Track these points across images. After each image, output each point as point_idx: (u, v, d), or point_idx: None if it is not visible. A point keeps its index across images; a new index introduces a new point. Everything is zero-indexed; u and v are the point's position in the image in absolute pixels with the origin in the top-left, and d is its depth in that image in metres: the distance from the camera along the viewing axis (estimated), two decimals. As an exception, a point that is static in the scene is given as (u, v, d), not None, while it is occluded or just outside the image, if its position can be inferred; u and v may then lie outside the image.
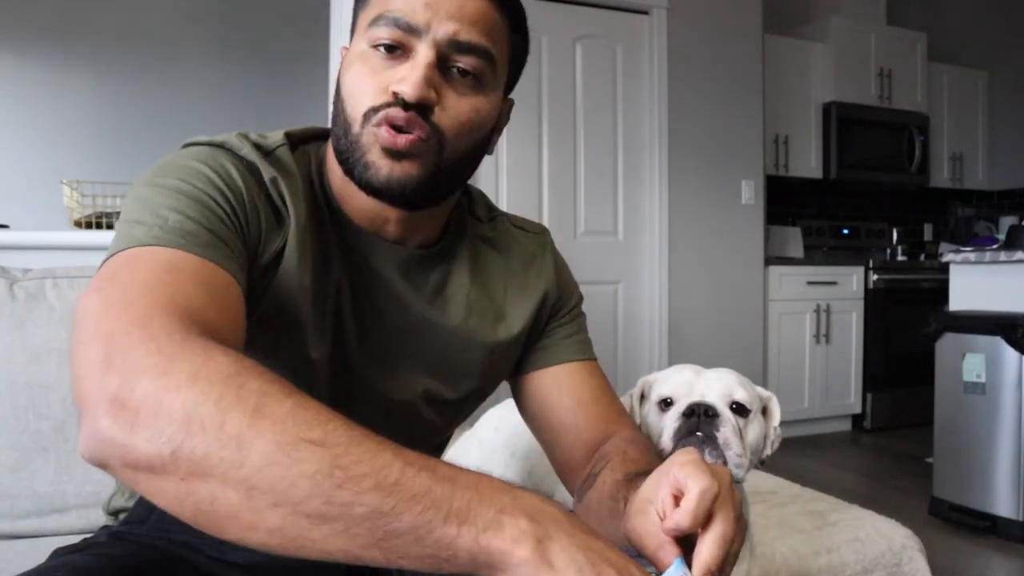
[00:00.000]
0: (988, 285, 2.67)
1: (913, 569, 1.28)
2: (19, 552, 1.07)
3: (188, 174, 0.63)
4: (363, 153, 0.67)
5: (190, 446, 0.44)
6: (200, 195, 0.62)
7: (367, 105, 0.67)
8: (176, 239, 0.58)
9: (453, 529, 0.44)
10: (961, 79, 4.86)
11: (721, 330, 3.72)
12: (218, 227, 0.61)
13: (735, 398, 0.92)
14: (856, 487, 3.09)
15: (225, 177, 0.64)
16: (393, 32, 0.66)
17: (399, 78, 0.65)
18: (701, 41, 3.67)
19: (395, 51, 0.67)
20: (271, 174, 0.68)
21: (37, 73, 3.09)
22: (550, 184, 3.41)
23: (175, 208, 0.60)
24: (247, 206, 0.65)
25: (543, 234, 0.93)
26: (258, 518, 0.44)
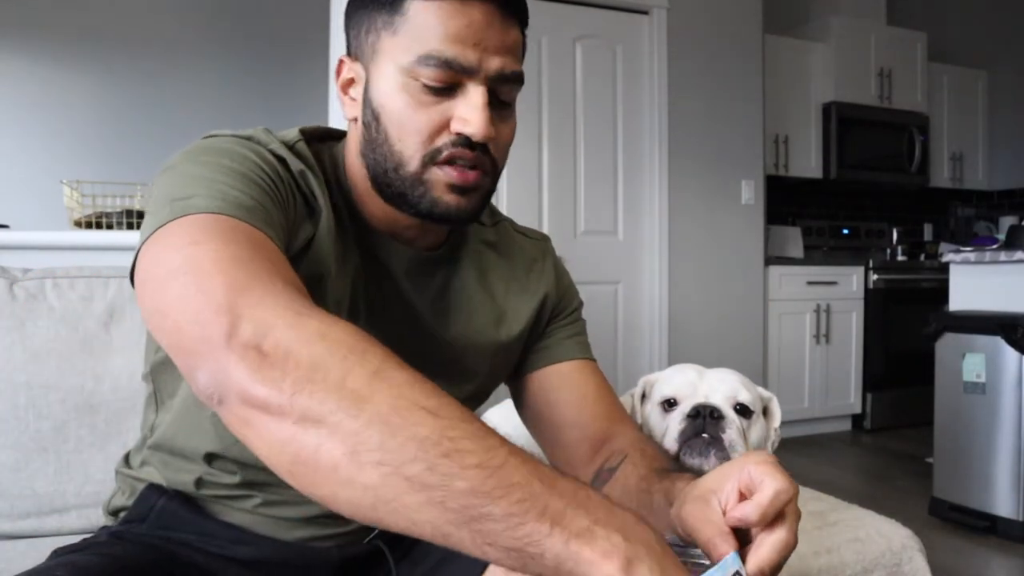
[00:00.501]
0: (988, 285, 2.67)
1: (913, 569, 1.28)
2: (19, 552, 1.07)
3: (232, 155, 0.64)
4: (428, 189, 0.69)
5: (310, 391, 0.45)
6: (250, 174, 0.63)
7: (428, 146, 0.68)
8: (242, 213, 0.58)
9: (546, 527, 0.44)
10: (961, 79, 4.86)
11: (721, 330, 3.72)
12: (270, 206, 0.62)
13: (739, 399, 0.92)
14: (856, 487, 3.09)
15: (261, 162, 0.65)
16: (444, 74, 0.66)
17: (460, 118, 0.67)
18: (701, 41, 3.67)
19: (444, 88, 0.67)
20: (299, 167, 0.69)
21: (37, 73, 3.09)
22: (550, 184, 3.41)
23: (231, 184, 0.60)
24: (287, 191, 0.66)
25: (544, 241, 0.94)
26: (358, 473, 0.44)
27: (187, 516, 0.76)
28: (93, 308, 1.21)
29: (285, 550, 0.77)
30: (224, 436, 0.74)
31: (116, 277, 1.26)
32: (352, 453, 0.44)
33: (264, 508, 0.77)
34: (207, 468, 0.76)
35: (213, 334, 0.49)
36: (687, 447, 0.90)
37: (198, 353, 0.50)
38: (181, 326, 0.51)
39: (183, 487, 0.78)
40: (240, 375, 0.47)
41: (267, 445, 0.47)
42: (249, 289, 0.51)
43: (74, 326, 1.19)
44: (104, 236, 1.65)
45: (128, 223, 1.73)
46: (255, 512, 0.77)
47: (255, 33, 3.49)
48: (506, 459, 0.45)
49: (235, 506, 0.77)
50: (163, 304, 0.53)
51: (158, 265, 0.55)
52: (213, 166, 0.62)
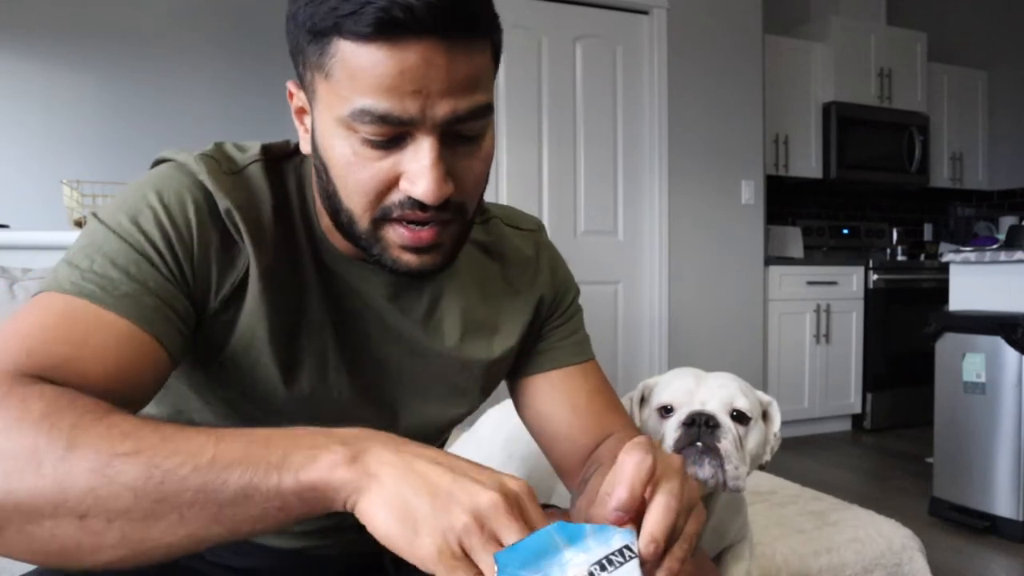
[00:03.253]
0: (988, 285, 2.67)
1: (913, 569, 1.28)
2: (19, 552, 1.07)
3: (136, 210, 0.60)
4: (384, 248, 0.63)
5: (13, 497, 0.44)
6: (139, 239, 0.59)
7: (376, 206, 0.61)
8: (93, 290, 0.56)
9: (274, 479, 0.46)
10: (961, 79, 4.86)
11: (721, 330, 3.72)
12: (151, 278, 0.59)
13: (736, 406, 0.91)
14: (856, 487, 3.09)
15: (176, 214, 0.61)
16: (383, 129, 0.57)
17: (408, 176, 0.59)
18: (701, 41, 3.67)
19: (388, 142, 0.59)
20: (225, 206, 0.63)
21: (37, 73, 3.10)
22: (550, 184, 3.41)
23: (108, 256, 0.58)
24: (195, 247, 0.62)
25: (538, 231, 0.89)
26: (99, 539, 0.45)
27: None
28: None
29: (285, 560, 0.77)
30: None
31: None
32: (83, 526, 0.45)
33: None
34: None
35: None
36: (683, 456, 0.89)
37: None
38: None
39: None
40: None
41: (15, 554, 0.47)
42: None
43: (74, 326, 1.19)
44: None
45: (128, 223, 1.72)
46: None
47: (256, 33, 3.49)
48: (216, 447, 0.46)
49: None
50: None
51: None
52: (107, 231, 0.60)
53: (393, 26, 0.54)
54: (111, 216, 0.61)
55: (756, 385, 1.02)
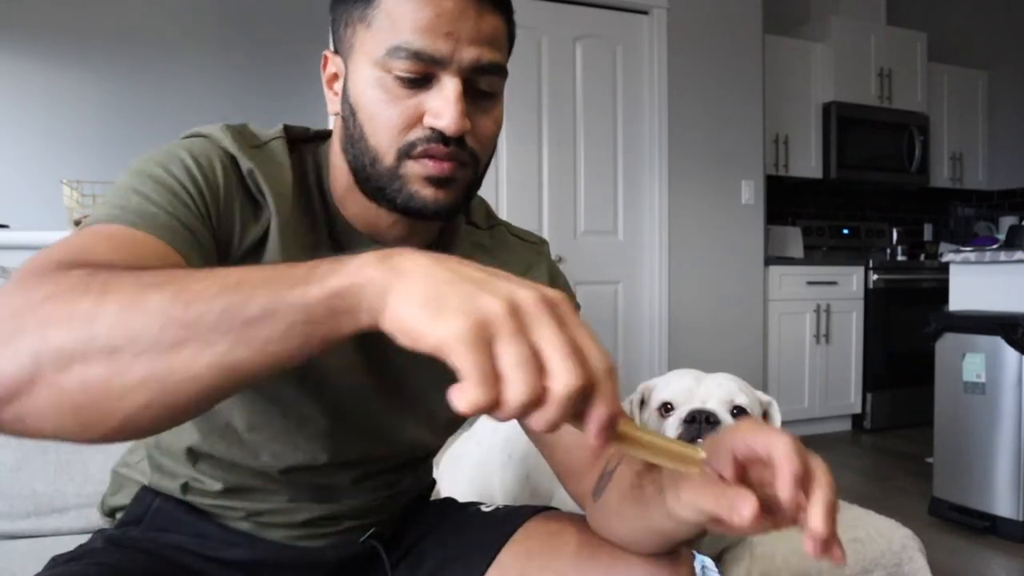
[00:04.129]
0: (988, 285, 2.67)
1: (913, 569, 1.28)
2: (19, 552, 1.07)
3: (167, 160, 0.64)
4: (404, 184, 0.68)
5: (46, 346, 0.43)
6: (170, 181, 0.63)
7: (401, 140, 0.66)
8: (131, 218, 0.58)
9: (300, 290, 0.44)
10: (961, 79, 4.86)
11: (721, 330, 3.72)
12: (182, 212, 0.61)
13: (737, 403, 0.92)
14: (856, 487, 3.09)
15: (205, 166, 0.65)
16: (415, 65, 0.64)
17: (433, 111, 0.65)
18: (701, 41, 3.67)
19: (417, 80, 0.66)
20: (248, 166, 0.68)
21: (37, 73, 3.09)
22: (550, 184, 3.41)
23: (141, 192, 0.61)
24: (221, 196, 0.65)
25: (541, 244, 0.91)
26: (127, 377, 0.44)
27: (181, 517, 0.76)
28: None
29: (279, 553, 0.78)
30: (203, 429, 0.74)
31: (116, 277, 1.26)
32: (111, 364, 0.43)
33: (253, 518, 0.77)
34: (192, 472, 0.76)
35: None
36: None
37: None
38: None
39: (172, 493, 0.78)
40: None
41: (49, 422, 0.45)
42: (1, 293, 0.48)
43: (74, 326, 1.19)
44: (104, 236, 1.65)
45: (128, 223, 1.72)
46: (244, 515, 0.77)
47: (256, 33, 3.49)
48: (243, 272, 0.46)
49: (223, 515, 0.77)
50: None
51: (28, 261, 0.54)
52: (136, 175, 0.63)
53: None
54: (143, 167, 0.64)
55: (756, 385, 1.02)
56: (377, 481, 0.81)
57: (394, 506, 0.85)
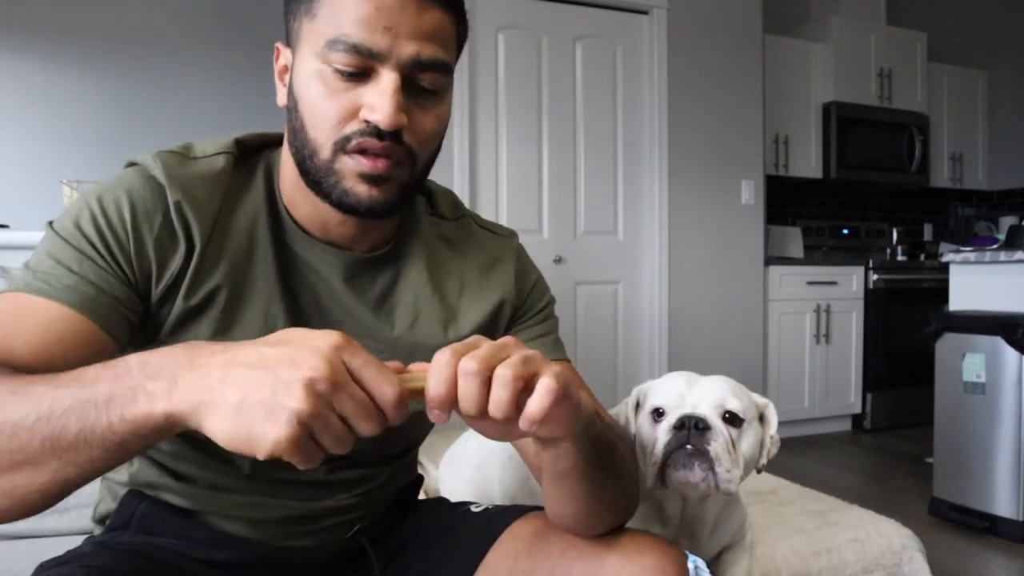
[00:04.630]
0: (988, 285, 2.67)
1: (913, 569, 1.28)
2: (19, 552, 1.07)
3: (79, 216, 0.67)
4: (339, 179, 0.68)
5: None
6: (79, 239, 0.66)
7: (337, 133, 0.67)
8: (39, 286, 0.63)
9: (104, 421, 0.49)
10: (961, 79, 4.85)
11: (721, 330, 3.72)
12: (91, 271, 0.65)
13: (728, 407, 0.90)
14: (856, 487, 3.09)
15: (112, 214, 0.67)
16: (353, 59, 0.65)
17: (368, 105, 0.65)
18: (701, 41, 3.67)
19: (356, 74, 0.66)
20: (175, 198, 0.69)
21: (37, 73, 3.09)
22: (550, 184, 3.41)
23: (54, 256, 0.65)
24: (131, 242, 0.67)
25: (510, 238, 0.90)
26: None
27: (167, 520, 0.76)
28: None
29: (266, 552, 0.77)
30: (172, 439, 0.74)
31: (116, 277, 1.26)
32: None
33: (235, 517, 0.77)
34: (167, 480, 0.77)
35: None
36: (672, 459, 0.87)
37: None
38: None
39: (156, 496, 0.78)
40: None
41: None
42: None
43: (74, 326, 1.19)
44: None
45: (128, 223, 1.72)
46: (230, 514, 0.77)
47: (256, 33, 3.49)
48: (51, 397, 0.50)
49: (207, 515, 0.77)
50: None
51: None
52: (54, 236, 0.67)
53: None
54: (59, 223, 0.68)
55: (756, 385, 1.01)
56: (350, 475, 0.81)
57: (375, 503, 0.85)
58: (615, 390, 3.33)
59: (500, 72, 3.28)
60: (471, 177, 3.23)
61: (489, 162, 3.28)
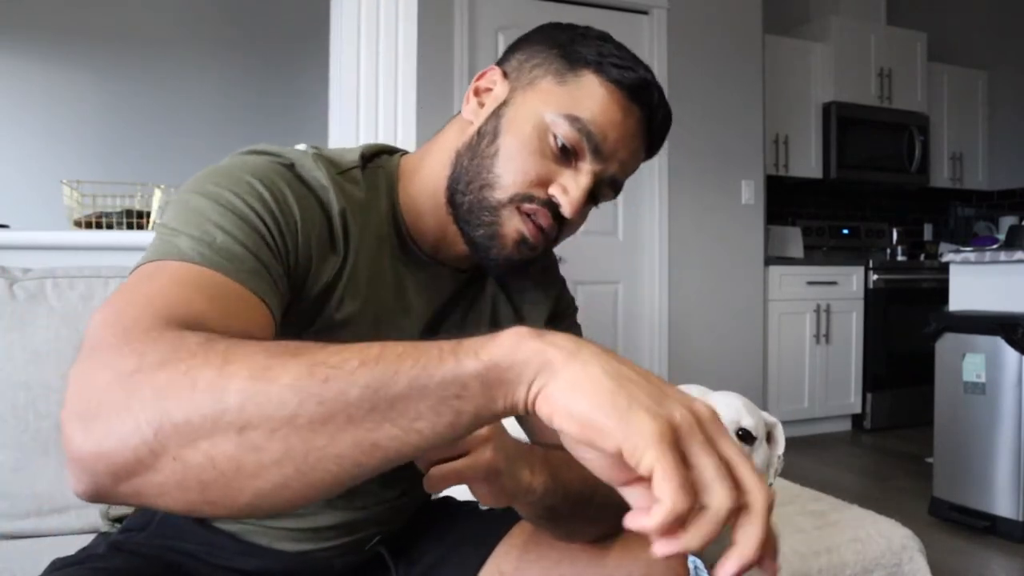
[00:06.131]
0: (988, 285, 2.67)
1: (913, 569, 1.28)
2: (19, 552, 1.07)
3: (242, 188, 0.60)
4: (498, 226, 0.70)
5: (169, 419, 0.40)
6: (251, 216, 0.59)
7: (523, 188, 0.69)
8: (220, 261, 0.55)
9: (450, 363, 0.42)
10: (961, 79, 4.85)
11: (721, 330, 3.72)
12: (264, 253, 0.58)
13: (742, 424, 0.90)
14: (856, 487, 3.09)
15: (280, 201, 0.62)
16: (579, 141, 0.69)
17: (562, 186, 0.70)
18: (701, 41, 3.67)
19: (566, 153, 0.70)
20: (341, 206, 0.67)
21: (37, 73, 3.09)
22: (550, 184, 3.41)
23: (223, 227, 0.57)
24: (299, 235, 0.62)
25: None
26: (260, 455, 0.41)
27: (188, 527, 0.75)
28: (93, 308, 1.21)
29: (287, 560, 0.77)
30: None
31: (116, 277, 1.26)
32: (242, 441, 0.40)
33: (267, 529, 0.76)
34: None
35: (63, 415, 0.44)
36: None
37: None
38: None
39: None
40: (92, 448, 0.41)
41: (171, 497, 0.42)
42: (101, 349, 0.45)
43: (74, 326, 1.19)
44: (104, 236, 1.65)
45: (128, 223, 1.72)
46: (253, 524, 0.76)
47: (256, 33, 3.49)
48: (382, 346, 0.43)
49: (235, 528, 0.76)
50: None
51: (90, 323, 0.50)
52: (214, 203, 0.59)
53: (638, 90, 0.71)
54: (216, 192, 0.60)
55: (756, 385, 1.01)
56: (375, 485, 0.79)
57: (400, 514, 0.85)
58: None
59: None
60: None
61: (489, 162, 3.29)
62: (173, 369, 0.42)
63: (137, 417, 0.40)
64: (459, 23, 3.16)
